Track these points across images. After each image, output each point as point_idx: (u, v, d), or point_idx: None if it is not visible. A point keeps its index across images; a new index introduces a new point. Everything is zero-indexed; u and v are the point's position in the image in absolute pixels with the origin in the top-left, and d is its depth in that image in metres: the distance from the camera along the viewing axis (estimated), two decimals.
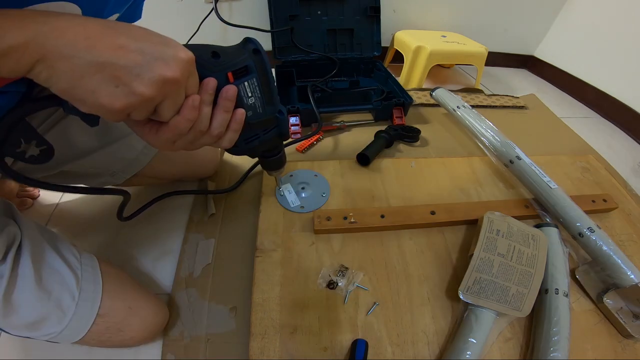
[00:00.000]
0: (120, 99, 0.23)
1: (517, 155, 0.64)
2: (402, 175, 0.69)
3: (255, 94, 0.33)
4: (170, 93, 0.26)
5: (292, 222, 0.57)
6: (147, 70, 0.24)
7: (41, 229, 0.40)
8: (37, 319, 0.35)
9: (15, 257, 0.35)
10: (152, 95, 0.24)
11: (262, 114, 0.35)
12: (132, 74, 0.23)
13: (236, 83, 0.31)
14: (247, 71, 0.32)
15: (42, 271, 0.36)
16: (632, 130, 1.00)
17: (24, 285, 0.35)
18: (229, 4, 1.04)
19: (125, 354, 0.45)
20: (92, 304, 0.38)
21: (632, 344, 0.45)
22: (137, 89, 0.24)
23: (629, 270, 0.47)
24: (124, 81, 0.23)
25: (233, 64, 0.30)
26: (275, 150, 0.45)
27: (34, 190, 0.67)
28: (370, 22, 1.02)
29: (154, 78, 0.24)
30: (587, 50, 1.16)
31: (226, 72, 0.30)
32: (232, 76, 0.31)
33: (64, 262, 0.38)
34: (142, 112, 0.26)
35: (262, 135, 0.38)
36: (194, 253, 0.56)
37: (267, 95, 0.35)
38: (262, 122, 0.36)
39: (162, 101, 0.26)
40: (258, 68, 0.32)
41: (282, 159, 0.47)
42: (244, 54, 0.32)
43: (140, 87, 0.24)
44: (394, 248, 0.54)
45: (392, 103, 0.85)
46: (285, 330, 0.44)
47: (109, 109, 0.24)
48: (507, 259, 0.48)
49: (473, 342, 0.41)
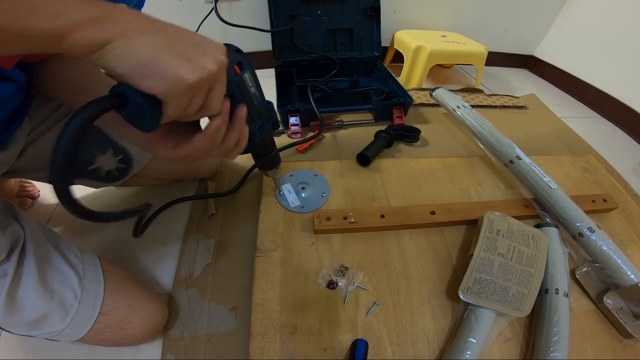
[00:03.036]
0: (195, 72, 0.24)
1: (517, 155, 0.64)
2: (402, 175, 0.69)
3: (253, 84, 0.36)
4: (223, 74, 0.28)
5: (292, 222, 0.57)
6: (207, 50, 0.26)
7: (43, 229, 0.40)
8: (39, 317, 0.36)
9: (19, 256, 0.35)
10: (216, 70, 0.26)
11: (261, 102, 0.38)
12: (198, 50, 0.25)
13: (242, 73, 0.33)
14: (242, 65, 0.34)
15: (45, 270, 0.37)
16: (633, 130, 1.00)
17: (27, 283, 0.35)
18: (229, 4, 1.04)
19: (126, 354, 0.45)
20: (94, 302, 0.39)
21: (632, 344, 0.45)
22: (205, 63, 0.25)
23: (629, 270, 0.47)
24: (194, 56, 0.25)
25: (232, 59, 0.32)
26: (270, 146, 0.47)
27: (34, 189, 0.67)
28: (370, 22, 1.02)
29: (213, 56, 0.26)
30: (587, 50, 1.16)
31: (232, 65, 0.32)
32: (237, 68, 0.32)
33: (66, 261, 0.39)
34: (203, 96, 0.27)
35: (266, 125, 0.40)
36: (194, 253, 0.56)
37: (258, 85, 0.37)
38: (263, 110, 0.39)
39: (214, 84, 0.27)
40: (247, 64, 0.34)
41: (277, 156, 0.49)
42: (232, 52, 0.33)
43: (207, 62, 0.25)
44: (394, 248, 0.54)
45: (392, 103, 0.85)
46: (285, 330, 0.44)
47: (187, 81, 0.24)
48: (507, 259, 0.48)
49: (473, 342, 0.41)
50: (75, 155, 0.22)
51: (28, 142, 0.44)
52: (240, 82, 0.33)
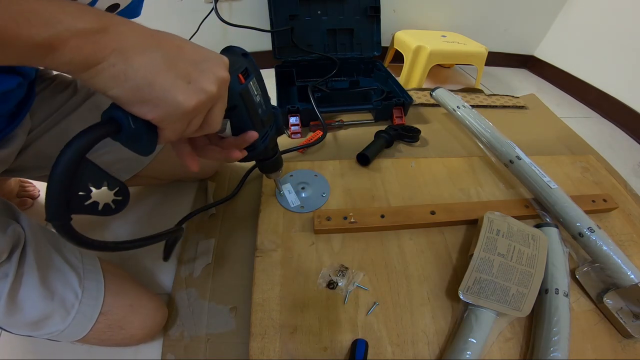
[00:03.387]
0: (193, 97, 0.23)
1: (517, 155, 0.64)
2: (402, 175, 0.69)
3: (258, 92, 0.35)
4: (223, 93, 0.27)
5: (292, 222, 0.57)
6: (207, 69, 0.24)
7: (43, 230, 0.40)
8: (41, 318, 0.36)
9: (20, 257, 0.35)
10: (215, 92, 0.25)
11: (266, 110, 0.37)
12: (198, 70, 0.24)
13: (247, 82, 0.32)
14: (247, 72, 0.33)
15: (45, 271, 0.37)
16: (633, 130, 1.00)
17: (28, 284, 0.35)
18: (229, 4, 1.04)
19: (126, 354, 0.45)
20: (95, 302, 0.39)
21: (632, 344, 0.45)
22: (205, 85, 0.24)
23: (629, 270, 0.47)
24: (194, 78, 0.23)
25: (237, 67, 0.31)
26: (273, 151, 0.46)
27: (34, 189, 0.67)
28: (370, 22, 1.02)
29: (214, 76, 0.25)
30: (587, 50, 1.16)
31: (236, 74, 0.31)
32: (242, 77, 0.32)
33: (67, 262, 0.39)
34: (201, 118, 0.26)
35: (269, 132, 0.40)
36: (194, 253, 0.56)
37: (264, 92, 0.36)
38: (267, 118, 0.38)
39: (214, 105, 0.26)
40: (252, 69, 0.34)
41: (279, 160, 0.49)
42: (238, 58, 0.33)
43: (207, 84, 0.24)
44: (394, 248, 0.54)
45: (392, 103, 0.85)
46: (285, 330, 0.44)
47: (184, 107, 0.23)
48: (507, 259, 0.48)
49: (473, 342, 0.41)
50: (70, 190, 0.21)
51: (28, 141, 0.44)
52: (244, 92, 0.32)
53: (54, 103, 0.46)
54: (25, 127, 0.42)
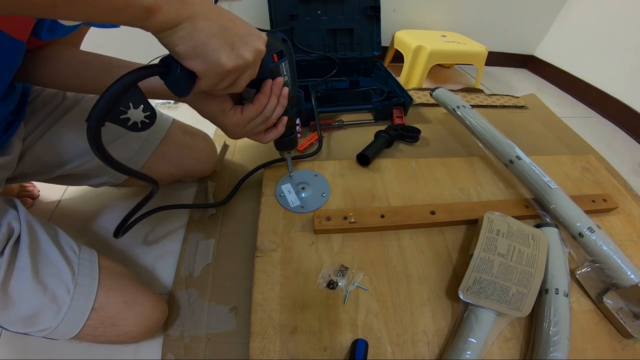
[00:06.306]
0: (233, 60, 0.29)
1: (517, 155, 0.64)
2: (402, 175, 0.69)
3: (288, 73, 0.41)
4: (257, 63, 0.33)
5: (292, 222, 0.57)
6: (249, 41, 0.30)
7: (43, 223, 0.40)
8: (33, 313, 0.36)
9: (12, 249, 0.36)
10: (251, 60, 0.31)
11: (292, 90, 0.43)
12: (242, 41, 0.30)
13: (279, 62, 0.38)
14: (282, 54, 0.38)
15: (39, 264, 0.37)
16: (633, 130, 1.00)
17: (20, 276, 0.35)
18: (229, 3, 1.04)
19: (126, 354, 0.45)
20: (87, 298, 0.38)
21: (632, 344, 0.45)
22: (244, 53, 0.30)
23: (629, 270, 0.47)
24: (237, 46, 0.29)
25: (274, 47, 0.37)
26: (291, 130, 0.51)
27: (34, 189, 0.67)
28: (370, 21, 1.02)
29: (253, 47, 0.31)
30: (587, 50, 1.16)
31: (272, 53, 0.37)
32: (276, 57, 0.37)
33: (62, 255, 0.39)
34: (233, 78, 0.31)
35: (291, 111, 0.45)
36: (194, 253, 0.56)
37: (293, 75, 0.42)
38: (293, 97, 0.44)
39: (246, 71, 0.32)
40: (287, 54, 0.39)
41: (295, 139, 0.53)
42: (277, 41, 0.38)
43: (246, 53, 0.30)
44: (394, 248, 0.54)
45: (392, 103, 0.85)
46: (285, 330, 0.44)
47: (224, 66, 0.29)
48: (507, 259, 0.48)
49: (473, 342, 0.41)
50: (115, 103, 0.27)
51: (24, 149, 0.46)
52: (274, 70, 0.38)
53: (45, 109, 0.48)
54: (20, 135, 0.44)
